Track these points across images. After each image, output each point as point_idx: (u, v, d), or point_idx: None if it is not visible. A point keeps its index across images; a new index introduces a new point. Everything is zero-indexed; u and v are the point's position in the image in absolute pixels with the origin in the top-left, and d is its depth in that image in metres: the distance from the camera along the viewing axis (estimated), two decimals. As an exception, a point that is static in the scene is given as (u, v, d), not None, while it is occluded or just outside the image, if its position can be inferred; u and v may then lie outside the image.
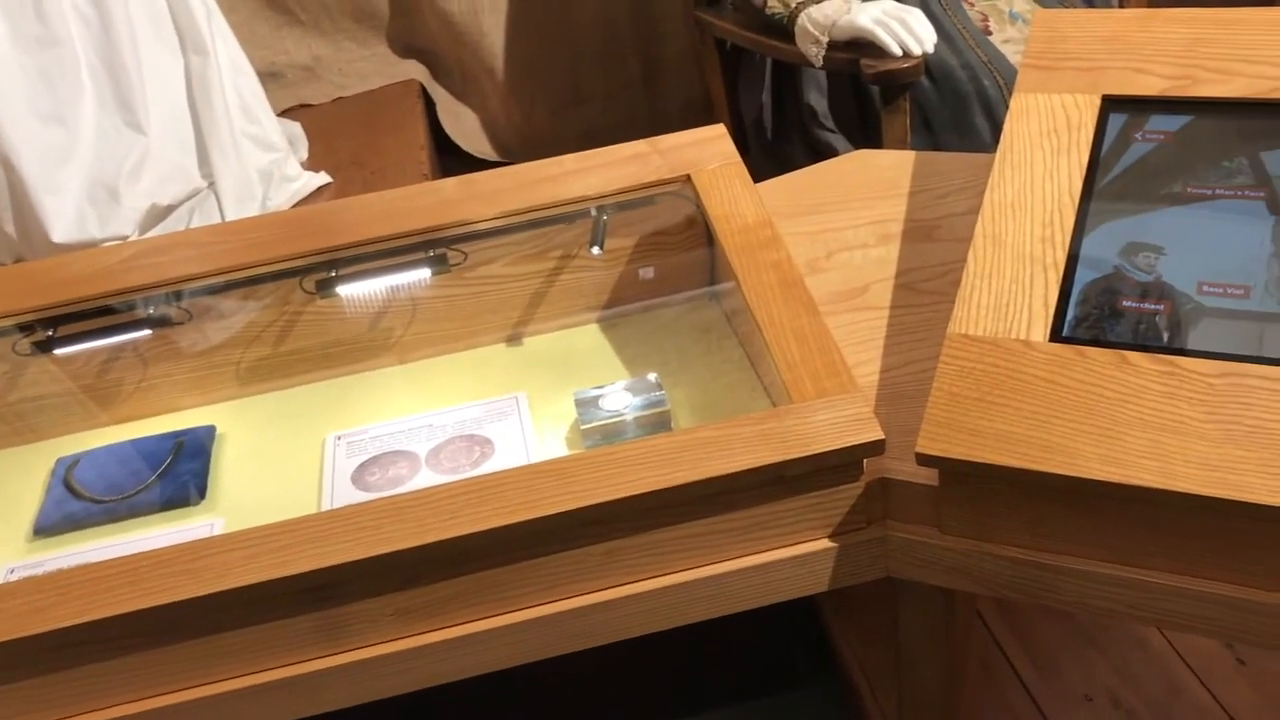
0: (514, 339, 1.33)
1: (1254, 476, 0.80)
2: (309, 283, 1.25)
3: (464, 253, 1.26)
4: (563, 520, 0.90)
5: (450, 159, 2.42)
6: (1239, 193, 0.98)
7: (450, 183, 1.30)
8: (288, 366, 1.30)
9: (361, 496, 1.12)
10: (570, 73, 2.45)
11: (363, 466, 1.16)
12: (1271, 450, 0.81)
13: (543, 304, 1.33)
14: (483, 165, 2.33)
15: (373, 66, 2.39)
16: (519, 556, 0.93)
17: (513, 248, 1.29)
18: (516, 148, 2.46)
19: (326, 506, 1.12)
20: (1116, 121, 1.05)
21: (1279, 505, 0.79)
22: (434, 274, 1.26)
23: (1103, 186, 1.01)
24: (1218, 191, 0.99)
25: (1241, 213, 0.97)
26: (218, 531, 1.12)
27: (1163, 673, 1.42)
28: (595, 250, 1.23)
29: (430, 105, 2.40)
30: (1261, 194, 0.97)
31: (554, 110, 2.47)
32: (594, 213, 1.25)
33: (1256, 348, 0.88)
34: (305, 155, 2.11)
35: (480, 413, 1.20)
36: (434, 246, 1.25)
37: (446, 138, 2.43)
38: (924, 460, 0.90)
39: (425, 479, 1.13)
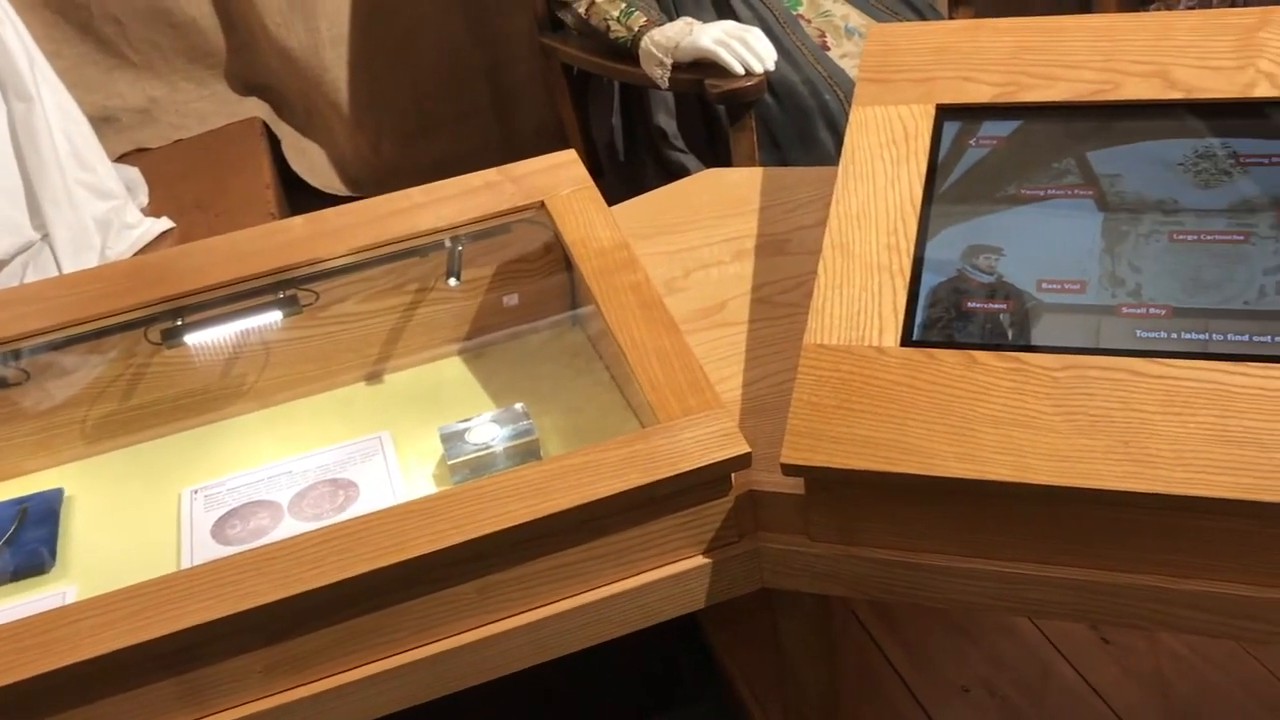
0: (374, 377, 1.30)
1: (1101, 464, 0.84)
2: (154, 333, 1.20)
3: (315, 292, 1.23)
4: (432, 560, 0.88)
5: (300, 196, 2.37)
6: (1069, 192, 1.03)
7: (297, 221, 1.27)
8: (137, 421, 1.25)
9: (222, 551, 1.08)
10: (418, 102, 2.43)
11: (222, 520, 1.12)
12: (1115, 438, 0.84)
13: (402, 339, 1.31)
14: (334, 201, 2.29)
15: (212, 106, 2.32)
16: (390, 601, 0.90)
17: (367, 284, 1.27)
18: (367, 181, 2.42)
19: (186, 565, 1.08)
20: (951, 129, 1.09)
21: (1126, 490, 0.82)
22: (286, 315, 1.23)
23: (942, 193, 1.05)
24: (1049, 192, 1.03)
25: (1073, 211, 1.01)
26: (70, 600, 1.07)
27: (1033, 658, 1.46)
28: (452, 281, 1.22)
29: (275, 143, 2.35)
30: (1090, 192, 1.02)
31: (403, 141, 2.44)
32: (448, 244, 1.24)
33: (1095, 340, 0.92)
34: (145, 201, 2.04)
35: (343, 455, 1.17)
36: (284, 287, 1.22)
37: (294, 175, 2.38)
38: (789, 470, 0.92)
39: (289, 528, 1.10)
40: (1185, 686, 1.40)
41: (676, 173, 1.85)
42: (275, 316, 1.23)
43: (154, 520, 1.15)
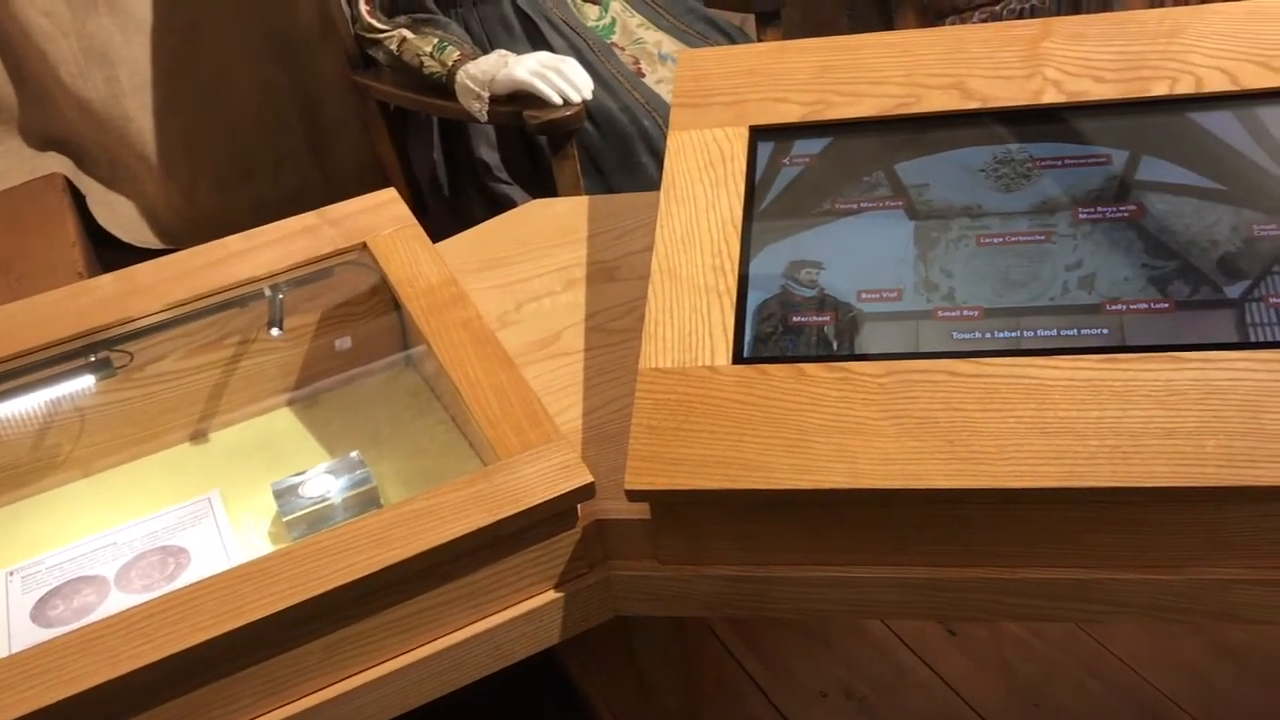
0: (200, 435, 1.25)
1: (929, 464, 0.86)
2: (-47, 408, 1.13)
3: (129, 353, 1.18)
4: (272, 623, 0.85)
5: (111, 253, 2.26)
6: (881, 203, 1.06)
7: (106, 280, 1.21)
8: (-58, 503, 1.17)
9: (45, 634, 1.01)
10: (231, 148, 2.36)
11: (43, 601, 1.05)
12: (940, 438, 0.87)
13: (227, 394, 1.26)
14: (149, 255, 2.19)
15: (6, 164, 2.20)
16: (230, 669, 0.86)
17: (185, 339, 1.22)
18: (183, 232, 2.33)
19: (4, 653, 1.01)
20: (765, 150, 1.11)
21: (954, 488, 0.85)
22: (100, 379, 1.17)
23: (761, 211, 1.07)
24: (862, 205, 1.06)
25: (885, 221, 1.05)
26: (-126, 704, 0.99)
27: (886, 657, 1.50)
28: (275, 331, 1.18)
29: (80, 199, 2.24)
30: (900, 203, 1.06)
31: (218, 189, 2.37)
32: (268, 292, 1.20)
33: (914, 345, 0.95)
34: (-62, 267, 1.92)
35: (171, 520, 1.12)
36: (95, 350, 1.16)
37: (104, 232, 2.27)
38: (633, 496, 0.92)
39: (117, 603, 1.04)
40: (1029, 669, 1.45)
41: (503, 205, 1.84)
42: (88, 381, 1.17)
43: (-34, 609, 1.07)
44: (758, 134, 1.12)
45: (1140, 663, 1.45)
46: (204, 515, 1.12)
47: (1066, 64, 1.09)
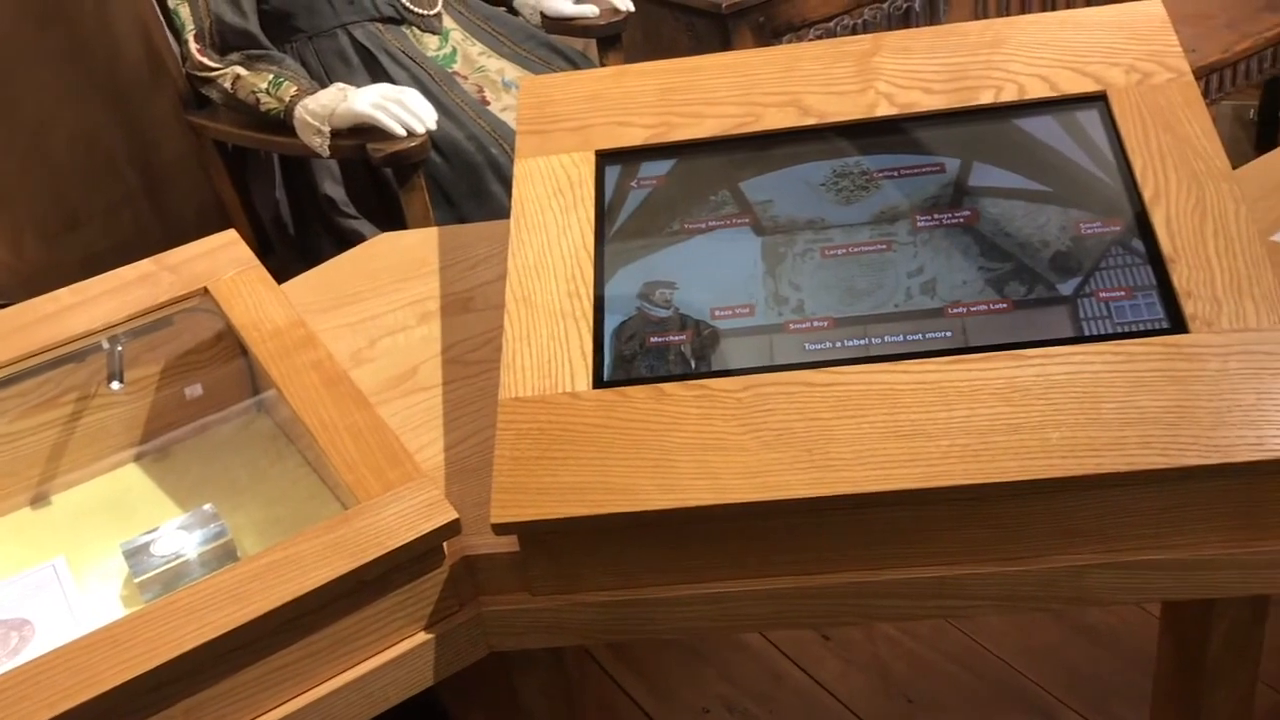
0: (41, 499, 1.18)
1: (790, 474, 0.88)
2: None
3: (-44, 418, 1.12)
4: (127, 691, 0.81)
5: (-67, 312, 2.14)
6: (728, 221, 1.08)
7: (-73, 342, 1.14)
8: None
9: (-124, 726, 0.94)
10: (58, 196, 2.26)
11: (-128, 690, 0.98)
12: (798, 448, 0.89)
13: (68, 453, 1.20)
14: (-25, 312, 2.08)
15: None
16: (84, 745, 0.82)
17: (18, 399, 1.15)
18: (11, 287, 2.22)
19: None
20: (612, 174, 1.12)
21: (815, 496, 0.87)
22: (-76, 448, 1.10)
23: (612, 235, 1.07)
24: (710, 223, 1.08)
25: (734, 239, 1.06)
26: None
27: (764, 667, 1.52)
28: (115, 385, 1.13)
29: (-105, 256, 2.12)
30: (746, 220, 1.07)
31: (47, 239, 2.26)
32: (106, 345, 1.15)
33: (768, 358, 0.96)
34: None
35: (11, 592, 1.06)
36: (-82, 417, 1.09)
37: (-76, 289, 2.15)
38: (500, 529, 0.91)
39: (-45, 684, 0.98)
40: (901, 667, 1.49)
41: (351, 240, 1.80)
42: (-89, 451, 1.10)
43: None
44: (604, 158, 1.12)
45: (1006, 651, 1.49)
46: (49, 583, 1.06)
47: (897, 77, 1.12)
